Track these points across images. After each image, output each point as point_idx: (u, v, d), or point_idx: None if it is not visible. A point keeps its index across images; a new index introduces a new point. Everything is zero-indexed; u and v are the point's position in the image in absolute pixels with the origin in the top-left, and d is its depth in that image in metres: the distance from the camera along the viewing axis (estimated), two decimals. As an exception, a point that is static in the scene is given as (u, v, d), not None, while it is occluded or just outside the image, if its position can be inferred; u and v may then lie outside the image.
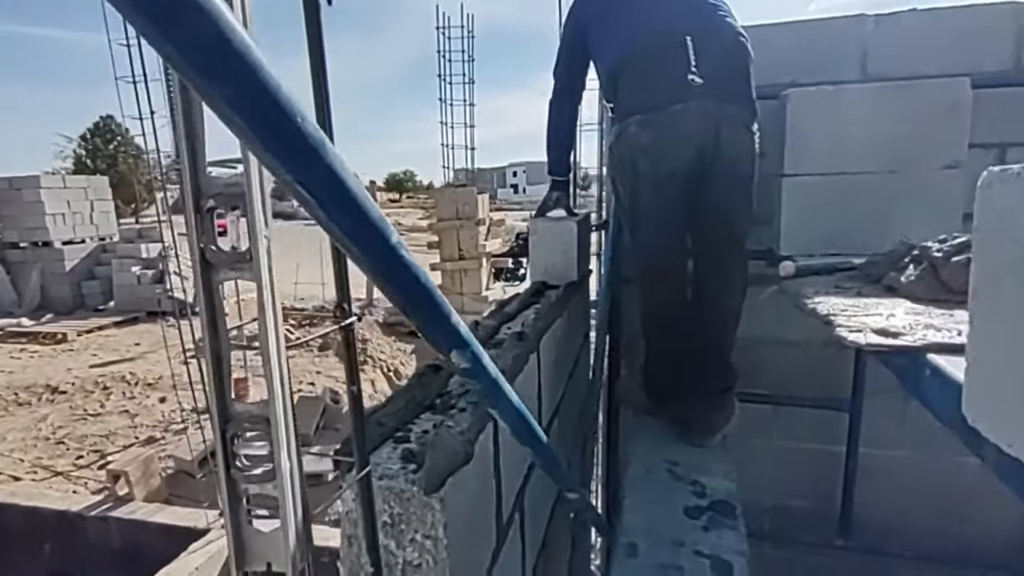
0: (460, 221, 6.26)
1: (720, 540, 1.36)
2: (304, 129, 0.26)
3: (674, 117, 1.56)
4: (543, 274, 2.15)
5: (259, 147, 0.26)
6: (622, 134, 1.66)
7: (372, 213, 0.32)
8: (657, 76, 1.60)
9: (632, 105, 1.64)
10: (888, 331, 0.87)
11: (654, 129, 1.60)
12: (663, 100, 1.58)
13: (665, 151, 1.59)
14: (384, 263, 0.35)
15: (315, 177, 0.28)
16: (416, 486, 0.78)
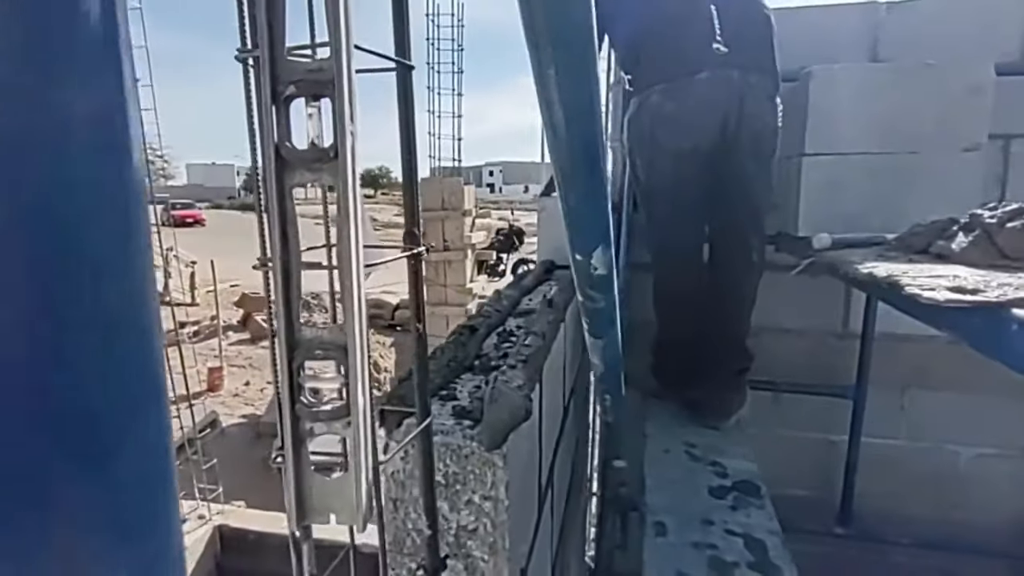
0: (446, 212, 6.16)
1: (749, 519, 1.32)
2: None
3: (699, 86, 1.52)
4: (551, 252, 2.09)
5: None
6: (643, 104, 1.61)
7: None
8: (682, 44, 1.56)
9: (654, 74, 1.59)
10: (964, 288, 0.83)
11: (677, 98, 1.55)
12: (688, 68, 1.53)
13: (689, 121, 1.55)
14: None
15: None
16: (475, 442, 0.71)
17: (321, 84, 0.48)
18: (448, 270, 6.41)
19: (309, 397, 0.54)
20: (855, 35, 2.27)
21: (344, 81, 0.48)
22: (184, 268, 10.89)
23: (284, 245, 0.51)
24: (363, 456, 0.53)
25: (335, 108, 0.48)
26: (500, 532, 0.72)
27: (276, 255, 0.50)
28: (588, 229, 0.40)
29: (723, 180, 1.62)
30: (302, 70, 0.49)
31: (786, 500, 2.57)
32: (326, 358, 0.53)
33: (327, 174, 0.50)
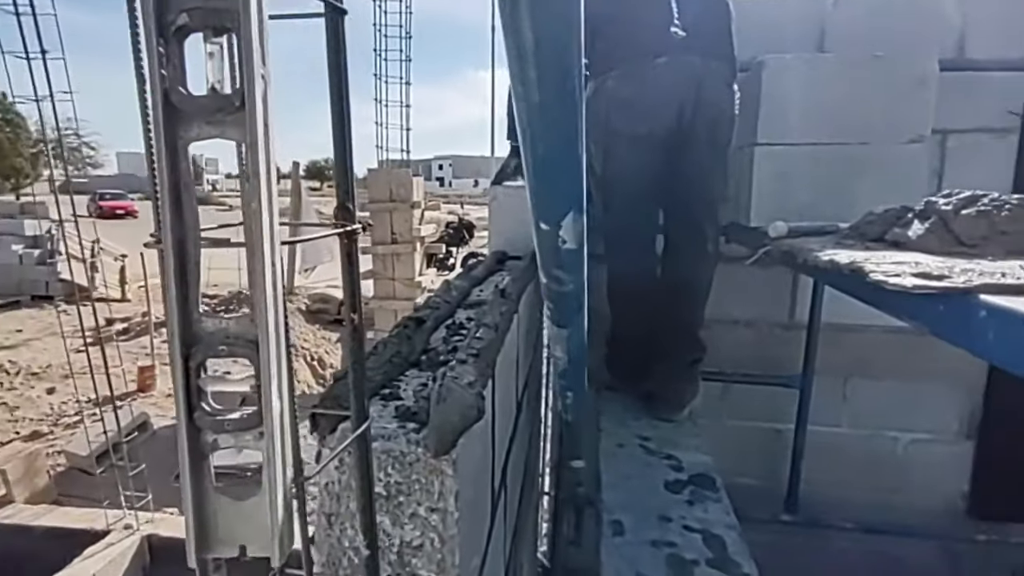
0: (394, 203, 5.98)
1: (707, 514, 1.29)
2: None
3: (657, 70, 1.48)
4: (503, 243, 2.03)
5: None
6: (599, 89, 1.56)
7: None
8: (640, 28, 1.52)
9: (612, 58, 1.54)
10: (930, 275, 0.80)
11: (634, 83, 1.51)
12: (646, 52, 1.49)
13: (644, 106, 1.51)
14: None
15: None
16: (421, 447, 0.63)
17: (222, 13, 0.39)
18: (396, 263, 6.24)
19: (212, 403, 0.45)
20: (803, 27, 2.29)
21: (253, 10, 0.39)
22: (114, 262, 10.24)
23: (178, 216, 0.41)
24: (280, 472, 0.45)
25: (240, 45, 0.39)
26: (449, 548, 0.64)
27: (167, 228, 0.41)
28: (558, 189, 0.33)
29: (679, 168, 1.59)
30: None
31: (735, 489, 2.57)
32: (233, 355, 0.43)
33: (232, 127, 0.41)
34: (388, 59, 6.26)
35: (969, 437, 2.45)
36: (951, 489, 2.51)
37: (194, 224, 0.41)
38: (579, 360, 0.55)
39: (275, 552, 0.45)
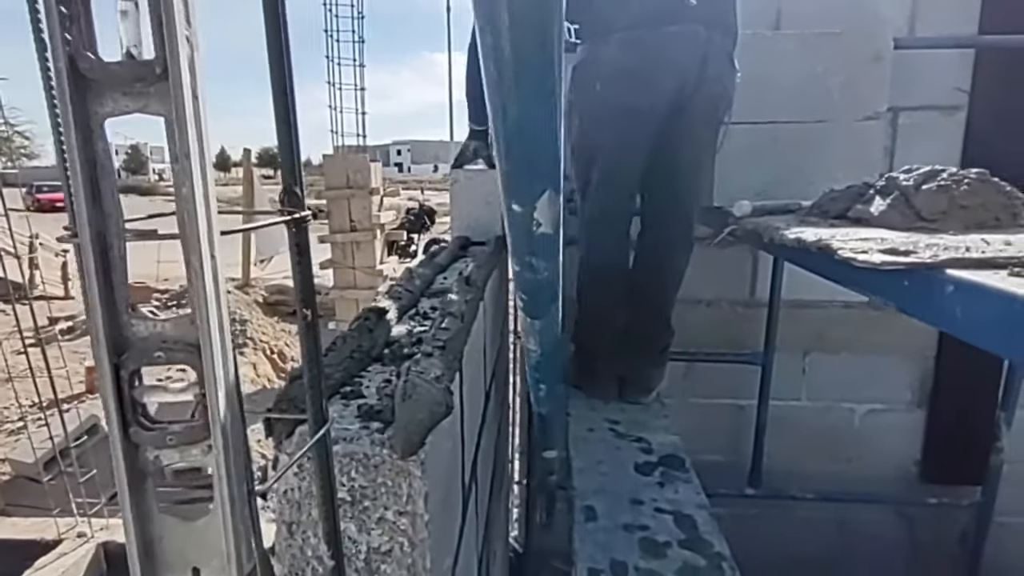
0: (351, 190, 5.83)
1: (678, 495, 1.29)
2: None
3: (666, 40, 1.36)
4: (466, 228, 1.98)
5: None
6: (596, 54, 1.43)
7: None
8: None
9: (615, 19, 1.40)
10: (897, 250, 0.80)
11: (639, 51, 1.38)
12: (656, 18, 1.36)
13: (649, 78, 1.39)
14: None
15: None
16: (387, 449, 0.59)
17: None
18: (356, 251, 6.11)
19: (151, 416, 0.40)
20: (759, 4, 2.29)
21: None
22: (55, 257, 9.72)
23: (96, 204, 0.36)
24: (232, 488, 0.40)
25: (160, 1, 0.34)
26: (420, 552, 0.61)
27: (83, 219, 0.35)
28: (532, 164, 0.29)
29: (671, 147, 1.50)
30: (105, -57, 0.34)
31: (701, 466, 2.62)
32: (171, 362, 0.39)
33: (155, 100, 0.36)
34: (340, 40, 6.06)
35: (920, 406, 2.55)
36: (904, 456, 2.61)
37: (116, 214, 0.36)
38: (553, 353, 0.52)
39: (231, 571, 0.41)
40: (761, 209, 1.44)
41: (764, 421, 2.39)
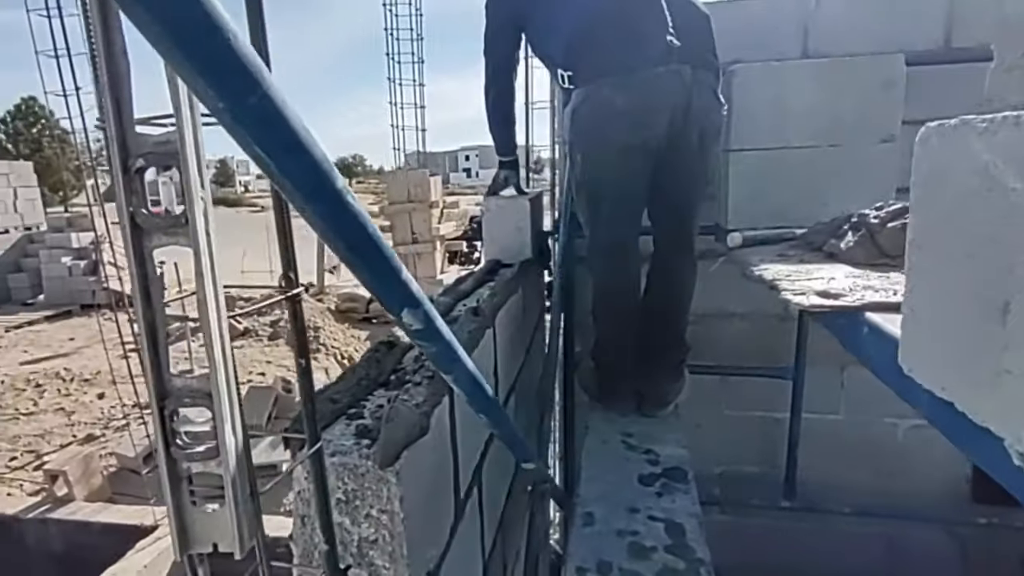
0: (412, 204, 6.15)
1: (673, 504, 1.40)
2: (237, 48, 0.24)
3: (654, 80, 1.49)
4: (497, 252, 2.14)
5: (188, 67, 0.23)
6: (591, 97, 1.56)
7: (315, 152, 0.30)
8: (636, 35, 1.51)
9: (605, 66, 1.53)
10: (829, 293, 0.90)
11: (631, 92, 1.50)
12: (646, 61, 1.49)
13: (643, 116, 1.51)
14: (329, 209, 0.33)
15: (249, 105, 0.25)
16: (371, 460, 0.76)
17: (168, 156, 0.52)
18: (418, 262, 6.43)
19: (185, 439, 0.59)
20: (788, 26, 2.33)
21: (190, 151, 0.52)
22: (153, 269, 10.71)
23: (147, 304, 0.55)
24: (237, 491, 0.58)
25: (182, 178, 0.52)
26: (398, 542, 0.78)
27: (140, 314, 0.54)
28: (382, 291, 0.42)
29: (668, 176, 1.61)
30: (151, 143, 0.53)
31: (735, 477, 2.69)
32: (195, 405, 0.57)
33: (183, 237, 0.54)
34: (401, 62, 6.40)
35: (969, 422, 2.48)
36: (953, 473, 2.54)
37: (161, 310, 0.55)
38: (474, 392, 0.65)
39: (236, 548, 0.59)
40: (753, 239, 1.52)
41: (797, 434, 2.41)
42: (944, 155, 0.53)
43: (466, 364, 0.59)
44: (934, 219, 0.55)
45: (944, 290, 0.53)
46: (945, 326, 0.53)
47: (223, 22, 0.22)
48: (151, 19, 0.21)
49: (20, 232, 11.30)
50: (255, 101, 0.25)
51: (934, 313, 0.55)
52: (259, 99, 0.25)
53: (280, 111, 0.26)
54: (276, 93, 0.26)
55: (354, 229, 0.35)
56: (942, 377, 0.54)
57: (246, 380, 6.23)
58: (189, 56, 0.23)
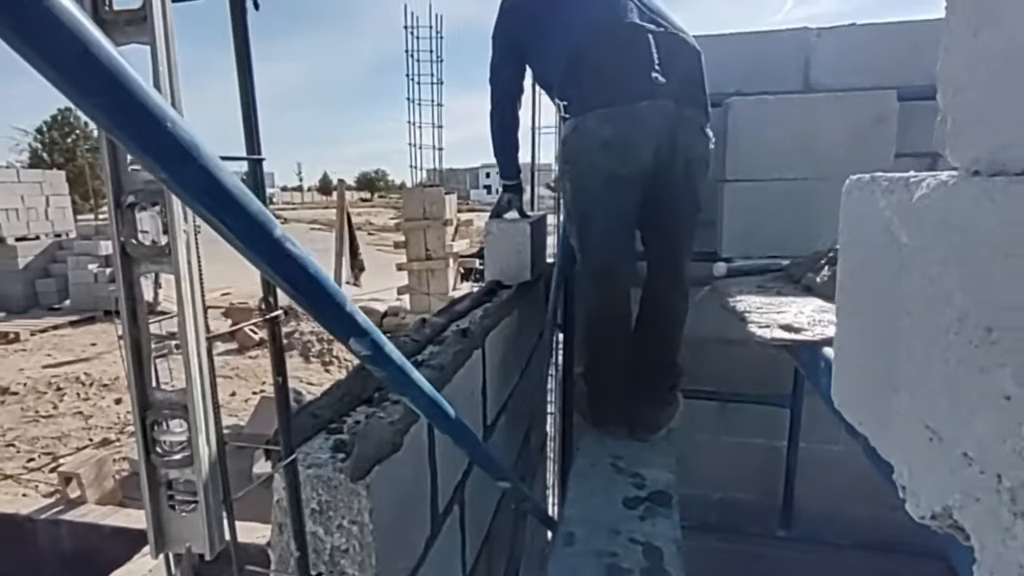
0: (427, 221, 6.26)
1: (654, 528, 1.42)
2: (175, 132, 0.29)
3: (639, 113, 1.55)
4: (498, 273, 2.19)
5: (132, 148, 0.29)
6: (579, 127, 1.63)
7: (251, 207, 0.35)
8: (622, 71, 1.59)
9: (594, 99, 1.61)
10: (792, 327, 0.93)
11: (616, 124, 1.57)
12: (629, 95, 1.56)
13: (627, 147, 1.58)
14: (269, 256, 0.38)
15: (188, 176, 0.31)
16: (343, 473, 0.81)
17: (155, 194, 0.59)
18: (431, 278, 6.51)
19: (164, 447, 0.65)
20: (789, 59, 2.37)
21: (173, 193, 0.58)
22: (175, 277, 10.97)
23: (134, 323, 0.61)
24: (209, 496, 0.64)
25: (167, 214, 0.58)
26: (367, 552, 0.82)
27: (127, 333, 0.60)
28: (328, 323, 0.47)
29: (656, 205, 1.67)
30: (141, 181, 0.59)
31: (732, 504, 2.69)
32: (174, 417, 0.63)
33: (167, 265, 0.60)
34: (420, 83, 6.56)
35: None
36: (955, 508, 2.50)
37: (146, 329, 0.61)
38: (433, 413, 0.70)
39: (206, 549, 0.65)
40: (738, 270, 1.55)
41: (794, 463, 2.41)
42: (861, 208, 0.57)
43: (421, 387, 0.63)
44: (854, 265, 0.59)
45: (860, 332, 0.57)
46: (861, 366, 0.57)
47: (162, 112, 0.28)
48: (101, 113, 0.27)
49: (50, 239, 11.66)
50: (192, 172, 0.30)
51: (854, 353, 0.59)
52: (195, 170, 0.31)
53: (214, 177, 0.32)
54: (210, 163, 0.31)
55: (295, 271, 0.40)
56: (858, 413, 0.58)
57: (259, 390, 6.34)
58: (134, 140, 0.28)
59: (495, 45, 1.90)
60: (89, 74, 0.26)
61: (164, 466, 0.64)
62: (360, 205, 47.64)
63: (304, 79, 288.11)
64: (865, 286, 0.55)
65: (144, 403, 0.62)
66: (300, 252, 0.40)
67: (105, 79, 0.27)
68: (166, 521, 0.65)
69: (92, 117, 0.28)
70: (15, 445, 5.50)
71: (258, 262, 0.38)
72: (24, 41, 0.24)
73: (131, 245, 0.59)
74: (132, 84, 0.27)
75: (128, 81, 0.27)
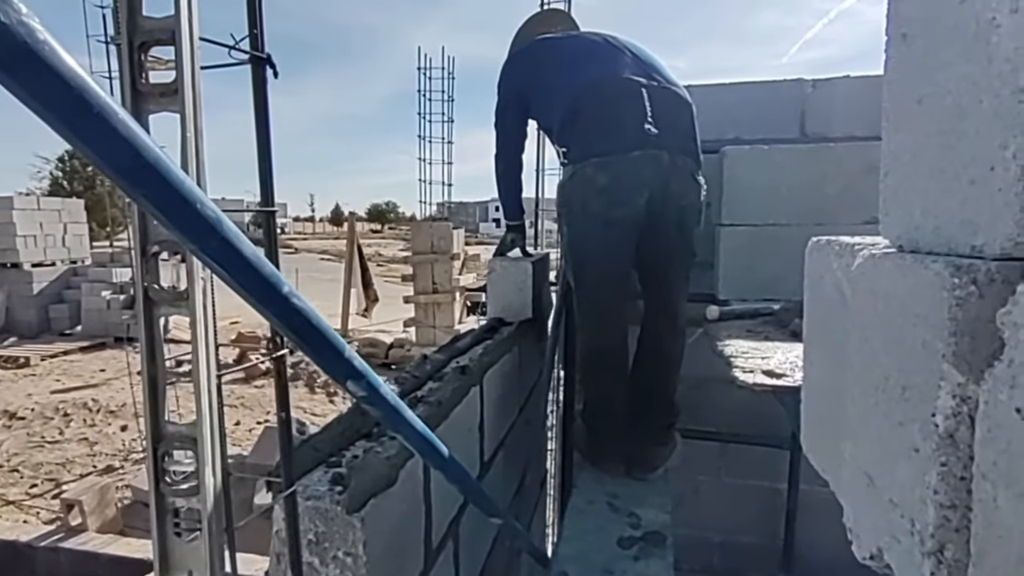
0: (435, 255, 6.36)
1: (647, 569, 1.43)
2: (202, 212, 0.35)
3: (632, 163, 1.64)
4: (500, 311, 2.24)
5: (167, 224, 0.35)
6: (576, 174, 1.72)
7: (264, 270, 0.41)
8: (617, 123, 1.68)
9: (590, 148, 1.70)
10: (774, 372, 0.97)
11: (611, 172, 1.66)
12: (623, 146, 1.65)
13: (621, 193, 1.66)
14: (279, 309, 0.44)
15: (212, 247, 0.37)
16: (340, 506, 0.85)
17: (176, 244, 0.65)
18: (437, 312, 6.57)
19: (173, 477, 0.69)
20: (786, 108, 2.46)
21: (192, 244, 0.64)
22: (186, 305, 11.10)
23: (151, 361, 0.67)
24: (212, 524, 0.68)
25: (187, 264, 0.64)
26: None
27: (144, 372, 0.66)
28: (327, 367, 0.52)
29: (651, 249, 1.74)
30: (165, 232, 0.65)
31: (733, 547, 2.66)
32: (183, 448, 0.68)
33: (185, 308, 0.66)
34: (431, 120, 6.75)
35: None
36: (959, 556, 2.47)
37: (163, 367, 0.67)
38: (425, 450, 0.74)
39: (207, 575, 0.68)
40: (730, 313, 1.59)
41: (794, 506, 2.40)
42: (819, 267, 0.62)
43: (414, 425, 0.68)
44: (815, 318, 0.63)
45: (820, 382, 0.61)
46: (821, 414, 0.61)
47: (193, 195, 0.34)
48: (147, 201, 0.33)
49: (66, 265, 11.88)
50: (215, 243, 0.36)
51: (816, 401, 0.63)
52: (218, 242, 0.36)
53: (234, 246, 0.37)
54: (231, 235, 0.37)
55: (300, 322, 0.46)
56: (822, 460, 0.62)
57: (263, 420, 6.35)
58: (171, 219, 0.34)
59: (500, 93, 2.00)
60: (139, 171, 0.32)
61: (172, 495, 0.68)
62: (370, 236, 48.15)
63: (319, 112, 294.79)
64: (822, 338, 0.60)
65: (157, 435, 0.67)
66: (305, 306, 0.46)
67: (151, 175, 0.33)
68: (171, 548, 0.69)
69: (137, 203, 0.34)
70: (19, 470, 5.53)
71: (267, 315, 0.44)
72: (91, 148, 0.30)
73: (153, 290, 0.65)
74: (172, 177, 0.33)
75: (169, 175, 0.33)
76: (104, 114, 0.29)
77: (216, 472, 0.68)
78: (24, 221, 11.13)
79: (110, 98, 0.29)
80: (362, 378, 0.55)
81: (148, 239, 0.65)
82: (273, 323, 0.44)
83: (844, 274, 0.54)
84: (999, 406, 0.29)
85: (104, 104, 0.28)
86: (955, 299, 0.32)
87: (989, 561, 0.30)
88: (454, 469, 0.83)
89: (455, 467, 0.83)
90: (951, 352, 0.32)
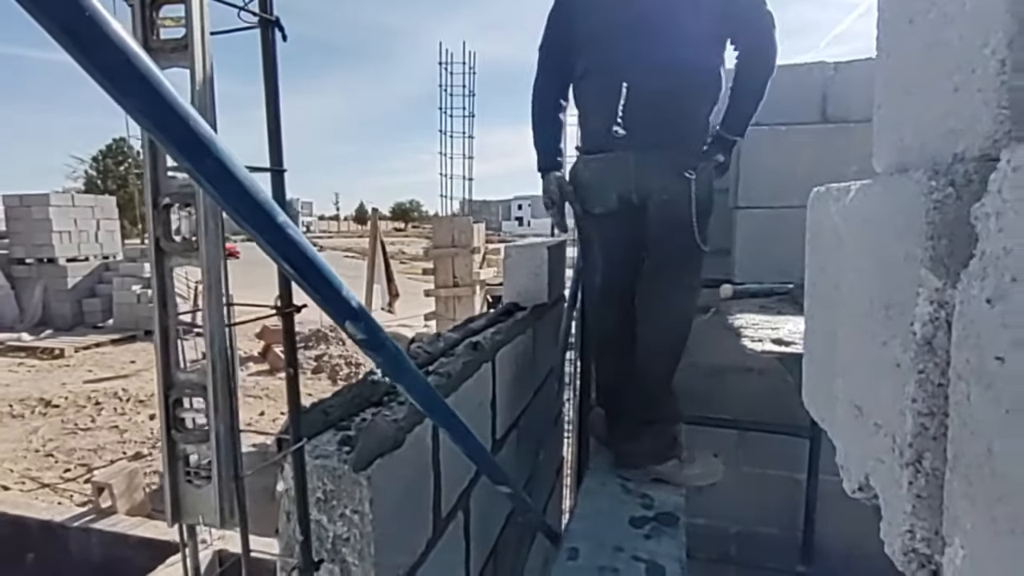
0: (455, 249, 6.39)
1: (659, 547, 1.42)
2: (195, 129, 0.36)
3: (600, 163, 1.71)
4: (515, 295, 2.25)
5: (161, 140, 0.37)
6: (575, 166, 1.81)
7: (259, 196, 0.42)
8: (593, 123, 1.73)
9: (583, 143, 1.80)
10: (782, 340, 0.97)
11: (589, 170, 1.75)
12: (595, 146, 1.72)
13: (597, 191, 1.74)
14: (274, 238, 0.45)
15: (207, 166, 0.38)
16: (347, 464, 0.87)
17: (187, 196, 0.67)
18: (458, 305, 6.60)
19: (184, 426, 0.72)
20: (808, 92, 2.41)
21: (201, 196, 0.66)
22: (213, 300, 11.35)
23: (164, 310, 0.69)
24: (221, 470, 0.70)
25: (196, 215, 0.66)
26: (367, 541, 0.87)
27: (156, 320, 0.68)
28: (326, 305, 0.53)
29: (642, 241, 1.73)
30: (176, 185, 0.67)
31: (751, 537, 2.63)
32: (194, 395, 0.70)
33: (195, 259, 0.68)
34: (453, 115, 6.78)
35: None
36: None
37: (175, 317, 0.69)
38: (429, 403, 0.74)
39: (216, 520, 0.71)
40: (744, 291, 1.58)
41: (814, 496, 2.36)
42: (819, 215, 0.62)
43: (416, 376, 0.69)
44: (815, 269, 0.63)
45: (818, 331, 0.61)
46: (819, 362, 0.61)
47: (185, 112, 0.35)
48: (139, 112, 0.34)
49: (99, 260, 12.22)
50: (210, 163, 0.38)
51: (815, 351, 0.63)
52: (212, 161, 0.38)
53: (228, 168, 0.39)
54: (226, 157, 0.38)
55: (296, 254, 0.47)
56: (819, 409, 0.61)
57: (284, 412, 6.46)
58: (164, 136, 0.36)
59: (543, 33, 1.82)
60: (130, 79, 0.34)
61: (183, 441, 0.70)
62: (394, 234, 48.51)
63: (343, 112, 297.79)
64: (821, 286, 0.59)
65: (168, 382, 0.69)
66: (301, 239, 0.47)
67: (143, 85, 0.34)
68: (182, 494, 0.71)
69: (132, 115, 0.35)
70: (54, 455, 5.71)
71: (265, 243, 0.45)
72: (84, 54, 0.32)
73: (165, 242, 0.67)
74: (162, 88, 0.35)
75: (159, 86, 0.35)
76: (95, 18, 0.30)
77: (224, 419, 0.70)
78: (60, 218, 11.48)
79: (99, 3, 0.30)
80: (360, 320, 0.56)
81: (159, 191, 0.67)
82: (269, 253, 0.46)
83: (840, 213, 0.53)
84: (972, 302, 0.29)
85: (94, 8, 0.30)
86: (932, 203, 0.32)
87: (963, 461, 0.30)
88: (458, 428, 0.84)
89: (459, 426, 0.84)
90: (928, 257, 0.32)
